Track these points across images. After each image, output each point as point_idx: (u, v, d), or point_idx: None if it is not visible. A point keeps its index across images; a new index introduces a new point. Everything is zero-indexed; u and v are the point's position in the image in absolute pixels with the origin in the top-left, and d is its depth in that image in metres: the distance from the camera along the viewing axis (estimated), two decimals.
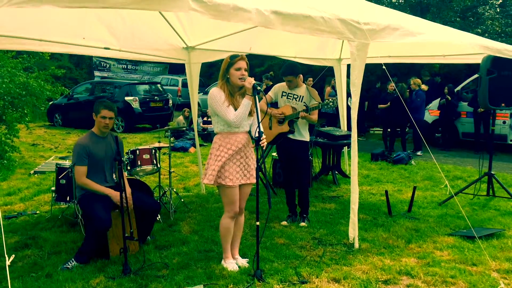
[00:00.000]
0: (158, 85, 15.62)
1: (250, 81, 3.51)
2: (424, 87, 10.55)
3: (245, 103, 3.54)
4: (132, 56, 5.94)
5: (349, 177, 7.30)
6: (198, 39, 5.80)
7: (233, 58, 3.57)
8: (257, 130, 3.48)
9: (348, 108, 7.76)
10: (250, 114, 3.62)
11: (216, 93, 3.57)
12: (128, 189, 4.16)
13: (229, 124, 3.58)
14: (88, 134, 4.13)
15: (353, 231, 4.22)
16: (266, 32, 5.72)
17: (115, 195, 3.97)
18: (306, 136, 4.97)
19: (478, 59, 5.77)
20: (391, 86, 10.49)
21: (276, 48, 6.60)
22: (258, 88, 3.51)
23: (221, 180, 3.60)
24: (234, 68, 3.55)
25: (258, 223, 3.56)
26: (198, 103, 8.15)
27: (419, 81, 10.59)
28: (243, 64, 3.56)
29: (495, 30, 13.52)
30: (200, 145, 8.63)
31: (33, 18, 4.31)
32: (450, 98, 10.56)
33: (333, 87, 10.90)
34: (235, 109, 3.55)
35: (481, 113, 10.18)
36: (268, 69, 17.10)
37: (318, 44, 6.63)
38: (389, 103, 10.23)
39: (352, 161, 4.21)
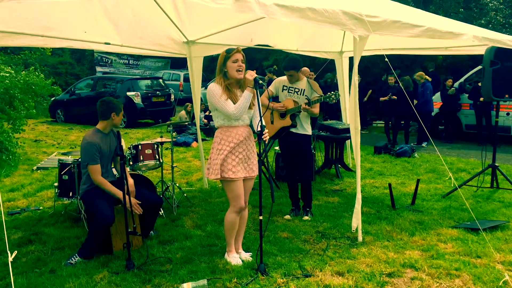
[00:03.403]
0: (160, 80, 15.60)
1: (252, 74, 3.49)
2: (427, 78, 10.51)
3: (246, 95, 3.52)
4: (134, 51, 5.92)
5: (352, 171, 7.32)
6: (198, 33, 5.77)
7: (229, 52, 3.55)
8: (259, 124, 3.46)
9: None
10: (250, 107, 3.61)
11: (214, 88, 3.55)
12: (131, 180, 4.18)
13: (229, 118, 3.56)
14: (94, 131, 4.08)
15: (357, 221, 4.19)
16: (267, 25, 5.70)
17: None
18: (308, 130, 4.95)
19: (481, 51, 5.72)
20: (391, 79, 10.46)
21: (278, 41, 6.56)
22: (261, 82, 3.48)
23: (224, 174, 3.58)
24: (231, 61, 3.53)
25: (261, 217, 3.55)
26: (201, 98, 8.13)
27: (423, 73, 10.54)
28: (239, 56, 3.54)
29: (498, 21, 13.40)
30: (203, 140, 8.62)
31: (34, 13, 4.29)
32: (455, 90, 10.52)
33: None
34: (234, 103, 3.53)
35: (481, 105, 10.14)
36: (273, 63, 17.03)
37: (319, 37, 6.59)
38: (390, 95, 10.20)
39: (355, 150, 4.17)
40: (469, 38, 4.45)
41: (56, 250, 4.12)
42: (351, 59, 7.25)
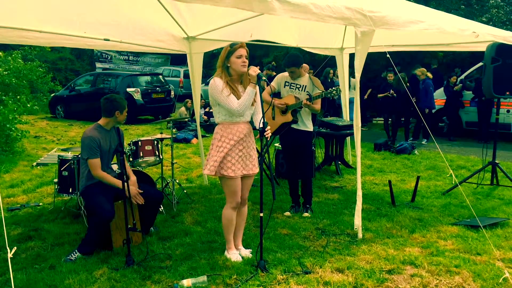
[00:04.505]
0: (160, 76, 15.57)
1: (255, 70, 3.46)
2: (429, 74, 10.50)
3: (249, 91, 3.49)
4: (133, 48, 5.89)
5: (352, 167, 7.31)
6: (199, 29, 5.75)
7: (233, 46, 3.52)
8: (261, 121, 3.44)
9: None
10: (252, 103, 3.59)
11: (217, 83, 3.53)
12: (133, 177, 4.18)
13: (230, 114, 3.55)
14: (95, 126, 4.08)
15: (358, 219, 4.18)
16: (267, 21, 5.68)
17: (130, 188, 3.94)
18: (309, 126, 4.94)
19: (482, 47, 5.70)
20: (390, 76, 10.44)
21: (278, 37, 6.54)
22: (263, 78, 3.47)
23: (223, 171, 3.57)
24: (235, 56, 3.50)
25: (261, 214, 3.54)
26: (201, 94, 8.12)
27: (424, 69, 10.52)
28: (243, 51, 3.51)
29: (499, 18, 13.36)
30: (203, 136, 8.62)
31: (33, 9, 4.27)
32: (461, 87, 10.49)
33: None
34: (237, 98, 3.51)
35: (486, 102, 10.09)
36: (273, 59, 16.97)
37: (320, 33, 6.56)
38: (390, 91, 10.18)
39: (356, 146, 4.16)
40: (472, 34, 4.43)
41: (55, 246, 4.11)
42: (351, 56, 7.24)
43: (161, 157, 5.26)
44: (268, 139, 3.50)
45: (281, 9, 3.35)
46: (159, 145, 5.26)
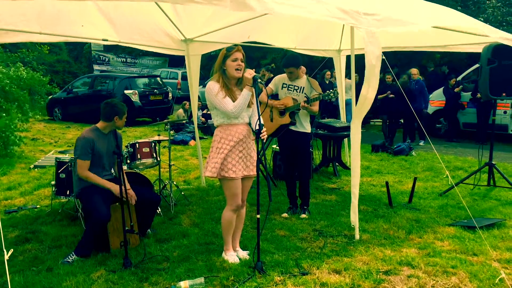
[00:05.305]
0: (158, 78, 15.56)
1: (251, 72, 3.48)
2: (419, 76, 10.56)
3: (245, 93, 3.51)
4: (134, 46, 5.89)
5: (350, 169, 7.31)
6: (196, 31, 5.76)
7: (229, 50, 3.54)
8: (258, 122, 3.45)
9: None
10: (249, 105, 3.60)
11: (211, 86, 3.55)
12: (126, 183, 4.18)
13: (228, 116, 3.56)
14: (93, 128, 4.09)
15: (354, 216, 4.18)
16: (265, 23, 5.70)
17: (115, 188, 3.96)
18: (307, 128, 4.95)
19: (479, 49, 5.72)
20: (388, 77, 10.47)
21: (276, 39, 6.56)
22: (259, 80, 3.48)
23: (224, 173, 3.58)
24: (231, 59, 3.53)
25: (258, 215, 3.55)
26: (198, 96, 8.12)
27: (416, 70, 10.57)
28: (239, 55, 3.54)
29: (496, 19, 13.42)
30: (200, 138, 8.61)
31: (31, 10, 4.28)
32: (461, 87, 10.51)
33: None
34: (233, 101, 3.53)
35: (486, 103, 10.11)
36: (271, 61, 17.01)
37: (317, 35, 6.59)
38: (388, 92, 10.20)
39: (352, 146, 4.18)
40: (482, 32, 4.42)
41: (53, 249, 4.11)
42: (348, 58, 7.27)
43: (158, 159, 5.26)
44: (265, 141, 3.51)
45: (281, 8, 3.36)
46: (157, 147, 5.27)
